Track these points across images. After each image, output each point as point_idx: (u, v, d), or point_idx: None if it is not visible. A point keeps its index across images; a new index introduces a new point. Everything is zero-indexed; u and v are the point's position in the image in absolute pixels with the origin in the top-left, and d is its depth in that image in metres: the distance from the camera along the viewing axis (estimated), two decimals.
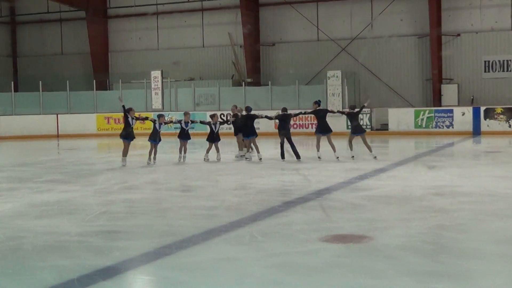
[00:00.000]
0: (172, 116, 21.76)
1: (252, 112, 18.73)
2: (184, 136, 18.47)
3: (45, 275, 6.91)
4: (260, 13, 34.83)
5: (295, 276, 6.67)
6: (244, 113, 18.83)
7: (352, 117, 18.42)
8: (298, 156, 17.73)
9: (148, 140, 17.95)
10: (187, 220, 9.80)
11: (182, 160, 18.26)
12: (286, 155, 17.84)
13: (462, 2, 31.15)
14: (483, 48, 30.89)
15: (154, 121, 18.07)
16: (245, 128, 18.31)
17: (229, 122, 19.50)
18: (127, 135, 17.66)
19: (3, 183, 14.69)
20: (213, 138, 18.59)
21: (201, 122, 19.50)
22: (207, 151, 18.53)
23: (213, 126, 18.59)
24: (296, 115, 19.68)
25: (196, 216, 10.12)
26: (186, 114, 18.94)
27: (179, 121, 18.72)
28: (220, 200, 11.70)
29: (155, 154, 17.78)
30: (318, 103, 18.64)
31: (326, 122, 18.23)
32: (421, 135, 27.83)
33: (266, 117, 19.26)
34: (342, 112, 20.00)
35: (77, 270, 6.99)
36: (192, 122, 18.97)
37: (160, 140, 18.01)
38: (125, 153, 17.47)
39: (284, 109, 18.50)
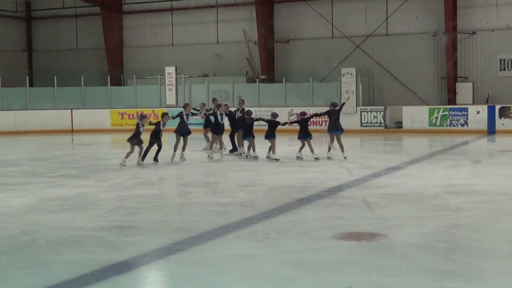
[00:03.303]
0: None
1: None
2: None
3: (59, 269, 6.95)
4: (275, 10, 34.77)
5: (308, 273, 6.67)
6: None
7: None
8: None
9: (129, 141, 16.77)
10: (200, 216, 9.81)
11: (182, 158, 17.57)
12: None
13: (477, 0, 30.96)
14: (498, 47, 30.68)
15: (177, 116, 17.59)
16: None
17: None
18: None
19: (17, 178, 14.77)
20: (218, 130, 18.12)
21: (205, 114, 19.02)
22: (211, 146, 18.21)
23: (219, 117, 18.17)
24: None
25: (210, 212, 10.13)
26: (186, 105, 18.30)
27: (179, 115, 17.78)
28: (233, 196, 11.71)
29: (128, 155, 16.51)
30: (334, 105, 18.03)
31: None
32: (435, 133, 27.70)
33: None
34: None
35: (91, 265, 7.03)
36: (193, 114, 18.26)
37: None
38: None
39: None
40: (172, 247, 7.84)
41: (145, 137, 16.78)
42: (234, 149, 19.01)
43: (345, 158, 16.97)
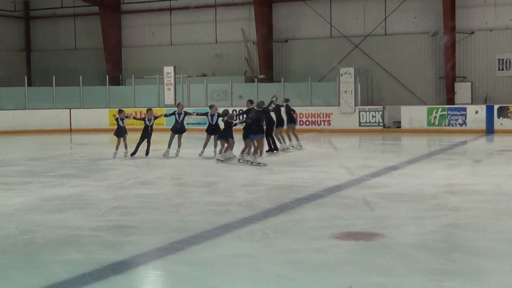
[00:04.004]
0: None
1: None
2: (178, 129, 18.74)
3: (57, 269, 6.94)
4: (274, 10, 34.76)
5: (306, 272, 6.67)
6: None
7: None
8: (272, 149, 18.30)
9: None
10: (199, 216, 9.81)
11: (176, 153, 18.46)
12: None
13: (476, 0, 30.97)
14: (497, 46, 30.68)
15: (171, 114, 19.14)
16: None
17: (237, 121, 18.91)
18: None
19: (16, 177, 14.76)
20: (211, 130, 18.40)
21: (198, 114, 19.65)
22: (204, 146, 18.40)
23: (210, 118, 18.41)
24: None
25: (208, 212, 10.13)
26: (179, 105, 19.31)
27: (172, 114, 18.98)
28: (232, 196, 11.71)
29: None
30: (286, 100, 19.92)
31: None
32: (433, 133, 27.72)
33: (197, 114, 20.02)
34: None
35: (89, 264, 7.02)
36: (186, 114, 18.90)
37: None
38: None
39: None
40: (170, 247, 7.84)
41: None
42: (275, 149, 18.80)
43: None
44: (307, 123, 29.88)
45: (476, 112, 27.65)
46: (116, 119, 18.80)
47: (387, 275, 6.56)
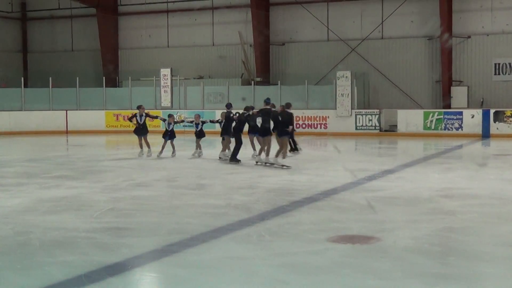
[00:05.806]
0: (181, 114, 22.36)
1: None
2: (198, 134, 19.21)
3: (53, 271, 6.94)
4: (271, 13, 34.80)
5: (302, 275, 6.67)
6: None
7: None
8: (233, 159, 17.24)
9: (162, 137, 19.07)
10: (195, 218, 9.81)
11: (197, 155, 18.91)
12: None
13: (473, 4, 31.04)
14: (493, 51, 30.75)
15: (163, 120, 19.32)
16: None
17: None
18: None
19: (12, 179, 14.74)
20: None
21: (211, 122, 19.78)
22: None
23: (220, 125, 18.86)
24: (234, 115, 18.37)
25: (205, 214, 10.12)
26: (195, 116, 19.74)
27: (191, 122, 19.77)
28: (228, 198, 11.70)
29: (170, 148, 18.78)
30: (267, 101, 17.36)
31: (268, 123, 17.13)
32: (430, 137, 27.75)
33: (211, 121, 19.67)
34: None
35: (85, 266, 7.01)
36: (203, 123, 19.39)
37: (171, 137, 18.94)
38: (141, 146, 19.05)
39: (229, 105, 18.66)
40: (166, 249, 7.84)
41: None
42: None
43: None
44: (304, 126, 29.89)
45: (472, 116, 27.71)
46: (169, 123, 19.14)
47: (382, 279, 6.57)
